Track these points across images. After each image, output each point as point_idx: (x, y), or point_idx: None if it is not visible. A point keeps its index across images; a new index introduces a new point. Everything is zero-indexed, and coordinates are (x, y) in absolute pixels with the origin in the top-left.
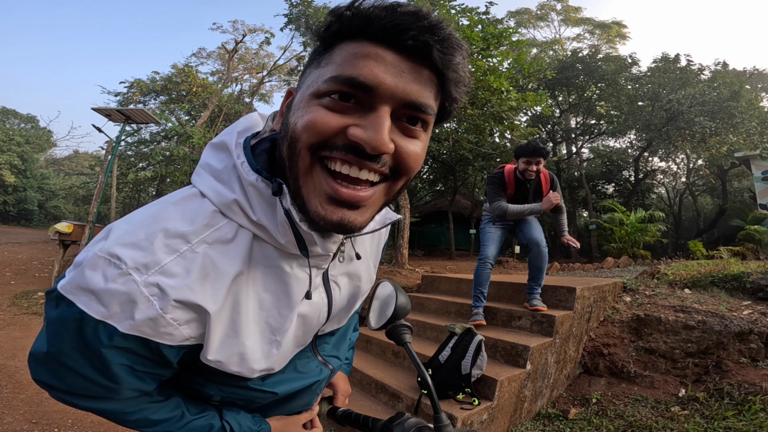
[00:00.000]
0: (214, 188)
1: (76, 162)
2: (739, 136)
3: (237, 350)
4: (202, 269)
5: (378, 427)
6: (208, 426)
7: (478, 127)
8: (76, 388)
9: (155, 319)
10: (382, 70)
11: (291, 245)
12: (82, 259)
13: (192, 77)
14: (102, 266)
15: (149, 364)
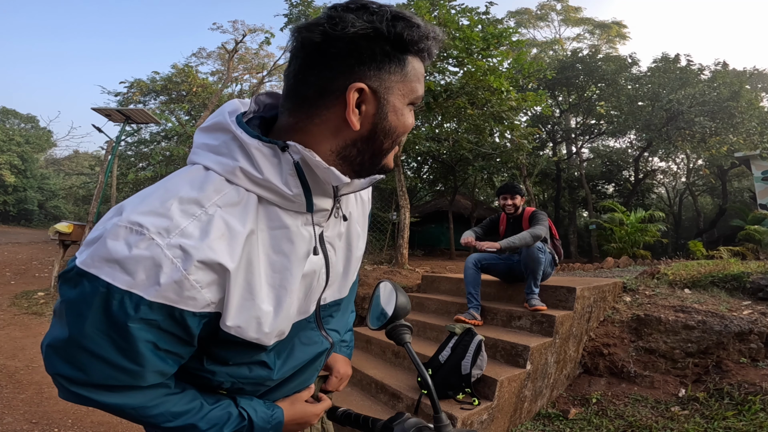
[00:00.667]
0: (217, 160)
1: (76, 162)
2: (739, 136)
3: (254, 314)
4: (218, 229)
5: (378, 427)
6: (226, 414)
7: (478, 127)
8: (99, 378)
9: (180, 281)
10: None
11: (298, 198)
12: (99, 234)
13: (192, 77)
14: (124, 235)
15: (173, 342)
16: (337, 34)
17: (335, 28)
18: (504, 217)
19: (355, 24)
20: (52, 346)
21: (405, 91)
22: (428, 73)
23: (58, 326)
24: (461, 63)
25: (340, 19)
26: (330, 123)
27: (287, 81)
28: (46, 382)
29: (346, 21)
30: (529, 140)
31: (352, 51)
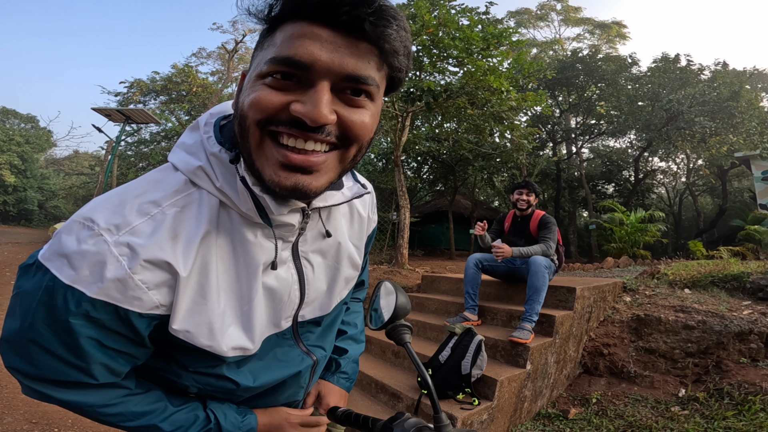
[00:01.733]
0: (184, 159)
1: (76, 162)
2: (739, 136)
3: (206, 318)
4: (172, 230)
5: (378, 427)
6: (192, 417)
7: (478, 127)
8: (48, 373)
9: (123, 280)
10: (317, 47)
11: (252, 212)
12: (60, 228)
13: (192, 77)
14: (76, 230)
15: (120, 341)
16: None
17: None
18: (511, 215)
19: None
20: (5, 340)
21: (258, 60)
22: (428, 73)
23: (10, 319)
24: (461, 63)
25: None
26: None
27: None
28: None
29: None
30: (529, 140)
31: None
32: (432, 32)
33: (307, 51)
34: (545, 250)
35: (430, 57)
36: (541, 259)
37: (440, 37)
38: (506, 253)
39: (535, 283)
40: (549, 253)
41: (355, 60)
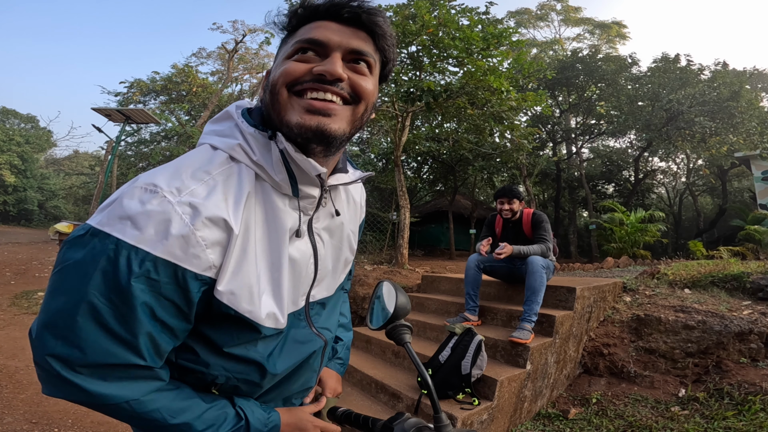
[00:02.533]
0: (221, 141)
1: (76, 162)
2: (739, 136)
3: (246, 281)
4: (223, 192)
5: (378, 427)
6: (223, 415)
7: (478, 127)
8: (95, 355)
9: (186, 236)
10: (330, 32)
11: (284, 183)
12: (115, 197)
13: (192, 77)
14: (139, 194)
15: (170, 311)
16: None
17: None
18: (500, 219)
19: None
20: (47, 323)
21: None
22: (428, 73)
23: (53, 298)
24: (461, 63)
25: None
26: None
27: None
28: None
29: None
30: (529, 140)
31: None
32: (432, 32)
33: (323, 34)
34: (544, 251)
35: (430, 57)
36: (538, 260)
37: (440, 37)
38: (507, 251)
39: (533, 283)
40: (547, 252)
41: (357, 40)
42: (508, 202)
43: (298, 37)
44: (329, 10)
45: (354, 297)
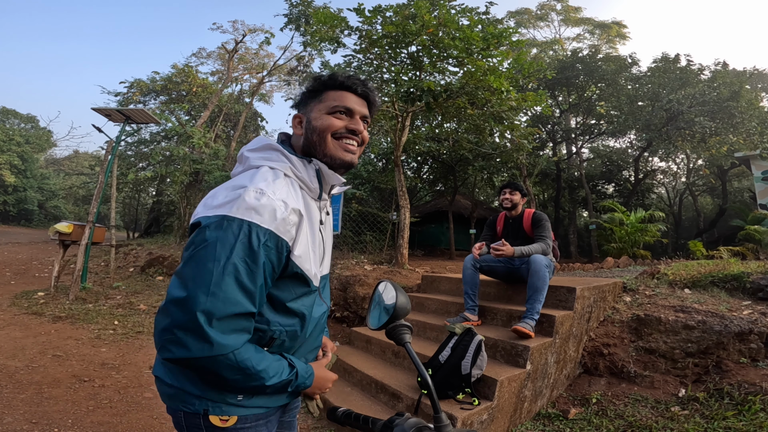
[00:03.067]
0: (277, 164)
1: (76, 162)
2: (739, 136)
3: (307, 250)
4: (294, 195)
5: (378, 427)
6: (282, 365)
7: (478, 127)
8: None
9: (284, 219)
10: (353, 103)
11: (315, 190)
12: (231, 197)
13: (192, 77)
14: (253, 194)
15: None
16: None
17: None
18: (502, 217)
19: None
20: (200, 285)
21: (318, 109)
22: (428, 73)
23: (204, 268)
24: (461, 63)
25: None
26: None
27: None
28: (46, 382)
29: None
30: (529, 140)
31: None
32: (432, 32)
33: (351, 104)
34: (545, 249)
35: (430, 57)
36: (541, 258)
37: (440, 37)
38: (507, 252)
39: (536, 282)
40: (548, 251)
41: (364, 108)
42: (510, 192)
43: (332, 101)
44: (351, 86)
45: (354, 297)
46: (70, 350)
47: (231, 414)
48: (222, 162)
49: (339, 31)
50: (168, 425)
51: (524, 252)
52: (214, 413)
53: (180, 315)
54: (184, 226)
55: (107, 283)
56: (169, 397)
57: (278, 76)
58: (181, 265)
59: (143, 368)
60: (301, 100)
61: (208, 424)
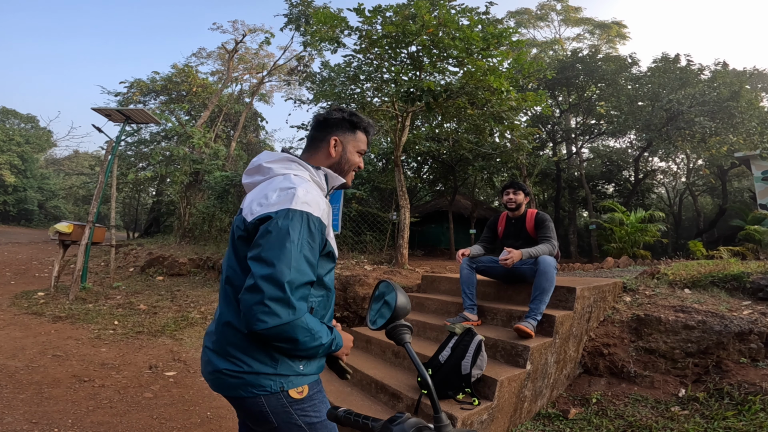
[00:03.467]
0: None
1: (76, 162)
2: (739, 136)
3: (330, 232)
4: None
5: (378, 427)
6: (326, 328)
7: (478, 127)
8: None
9: (323, 209)
10: (366, 145)
11: (324, 189)
12: (284, 196)
13: (192, 77)
14: (303, 192)
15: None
16: (330, 116)
17: (329, 115)
18: (504, 217)
19: (334, 114)
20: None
21: (354, 145)
22: (428, 73)
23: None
24: (461, 63)
25: (330, 114)
26: (323, 153)
27: (308, 137)
28: (46, 382)
29: (333, 113)
30: (529, 140)
31: (334, 123)
32: (432, 32)
33: (366, 146)
34: (551, 250)
35: (430, 57)
36: (550, 259)
37: (440, 37)
38: (515, 258)
39: (544, 283)
40: (554, 252)
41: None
42: (513, 192)
43: (360, 143)
44: (370, 133)
45: (354, 297)
46: (70, 350)
47: (302, 384)
48: (222, 162)
49: (339, 31)
50: (168, 425)
51: (532, 254)
52: (291, 387)
53: (271, 288)
54: (184, 226)
55: (107, 283)
56: (241, 387)
57: (278, 76)
58: (259, 250)
59: (143, 368)
60: (339, 125)
61: (290, 400)
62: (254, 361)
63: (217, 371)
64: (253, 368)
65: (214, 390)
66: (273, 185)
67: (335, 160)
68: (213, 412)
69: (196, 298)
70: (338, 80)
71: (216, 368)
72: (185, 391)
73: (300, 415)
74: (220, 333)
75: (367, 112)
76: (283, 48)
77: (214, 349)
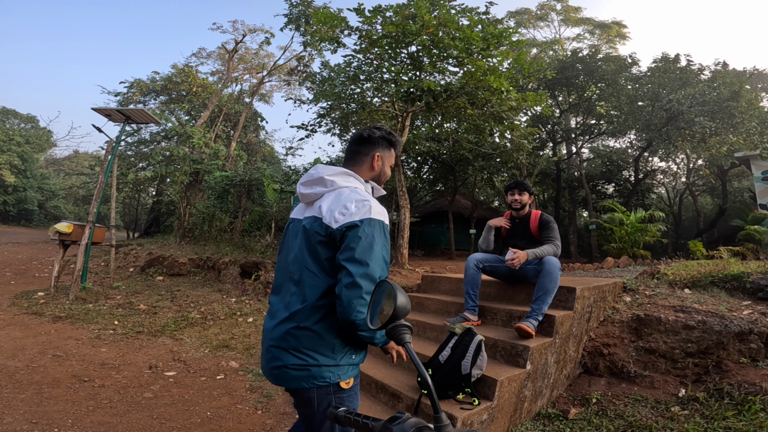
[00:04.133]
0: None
1: (76, 162)
2: (739, 136)
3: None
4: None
5: (378, 427)
6: None
7: (478, 127)
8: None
9: (388, 217)
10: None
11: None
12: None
13: (192, 77)
14: (375, 204)
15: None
16: (373, 135)
17: (372, 133)
18: (507, 217)
19: (376, 133)
20: (377, 261)
21: (389, 160)
22: (428, 73)
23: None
24: (461, 63)
25: (372, 132)
26: (367, 166)
27: (349, 150)
28: (46, 382)
29: (374, 132)
30: (529, 140)
31: (377, 141)
32: (432, 32)
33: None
34: (555, 251)
35: (430, 57)
36: (555, 260)
37: (440, 37)
38: (522, 258)
39: (547, 284)
40: (558, 253)
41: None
42: (518, 193)
43: (393, 159)
44: (396, 144)
45: None
46: (70, 350)
47: (350, 376)
48: (222, 162)
49: (339, 31)
50: (168, 425)
51: (537, 254)
52: (343, 379)
53: (367, 284)
54: (184, 226)
55: (107, 283)
56: (304, 379)
57: (278, 76)
58: (352, 253)
59: (143, 368)
60: (380, 143)
61: (336, 390)
62: (320, 356)
63: (284, 366)
64: (318, 361)
65: (274, 383)
66: (346, 197)
67: (376, 173)
68: (213, 412)
69: (196, 298)
70: (338, 80)
71: (283, 364)
72: (185, 391)
73: (337, 403)
74: (289, 333)
75: (367, 112)
76: (283, 48)
77: (281, 347)
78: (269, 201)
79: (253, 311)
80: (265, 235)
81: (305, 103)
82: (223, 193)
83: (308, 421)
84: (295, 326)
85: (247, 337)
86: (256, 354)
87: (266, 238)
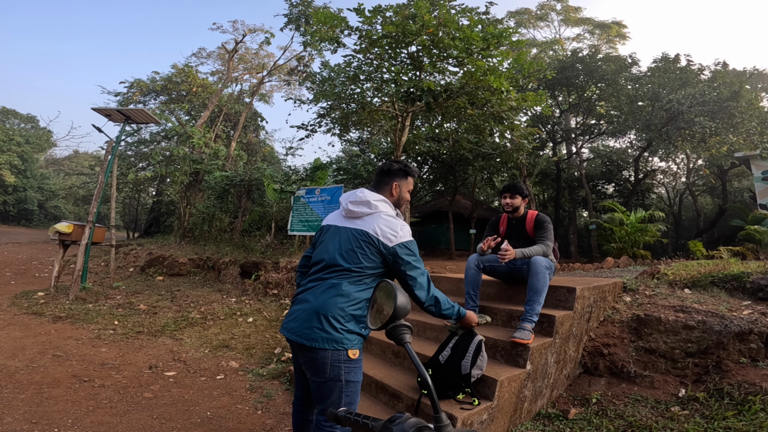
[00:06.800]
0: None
1: (76, 162)
2: (739, 136)
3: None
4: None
5: (378, 427)
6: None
7: (478, 127)
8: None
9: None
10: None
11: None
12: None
13: (192, 77)
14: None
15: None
16: (392, 167)
17: (391, 166)
18: (505, 218)
19: (394, 166)
20: (421, 266)
21: (406, 186)
22: (428, 73)
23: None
24: (461, 63)
25: (391, 164)
26: (388, 193)
27: (375, 179)
28: (46, 382)
29: (393, 165)
30: (529, 140)
31: (395, 172)
32: (432, 32)
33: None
34: (545, 251)
35: (430, 57)
36: (541, 260)
37: (440, 37)
38: (511, 255)
39: (536, 284)
40: (548, 253)
41: None
42: (510, 197)
43: (410, 186)
44: (413, 173)
45: None
46: (70, 350)
47: (358, 348)
48: (222, 162)
49: (339, 31)
50: (168, 425)
51: (525, 254)
52: (352, 347)
53: (424, 279)
54: (184, 226)
55: (107, 283)
56: (326, 340)
57: (278, 76)
58: (411, 265)
59: (143, 368)
60: (397, 174)
61: (346, 359)
62: (353, 323)
63: (314, 327)
64: (347, 329)
65: (291, 339)
66: (393, 223)
67: (395, 198)
68: (213, 412)
69: (196, 298)
70: (338, 80)
71: (312, 325)
72: (185, 391)
73: (345, 372)
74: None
75: (367, 112)
76: (283, 48)
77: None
78: (269, 201)
79: (253, 311)
80: (265, 235)
81: (305, 103)
82: (223, 193)
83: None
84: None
85: (247, 337)
86: (256, 354)
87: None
